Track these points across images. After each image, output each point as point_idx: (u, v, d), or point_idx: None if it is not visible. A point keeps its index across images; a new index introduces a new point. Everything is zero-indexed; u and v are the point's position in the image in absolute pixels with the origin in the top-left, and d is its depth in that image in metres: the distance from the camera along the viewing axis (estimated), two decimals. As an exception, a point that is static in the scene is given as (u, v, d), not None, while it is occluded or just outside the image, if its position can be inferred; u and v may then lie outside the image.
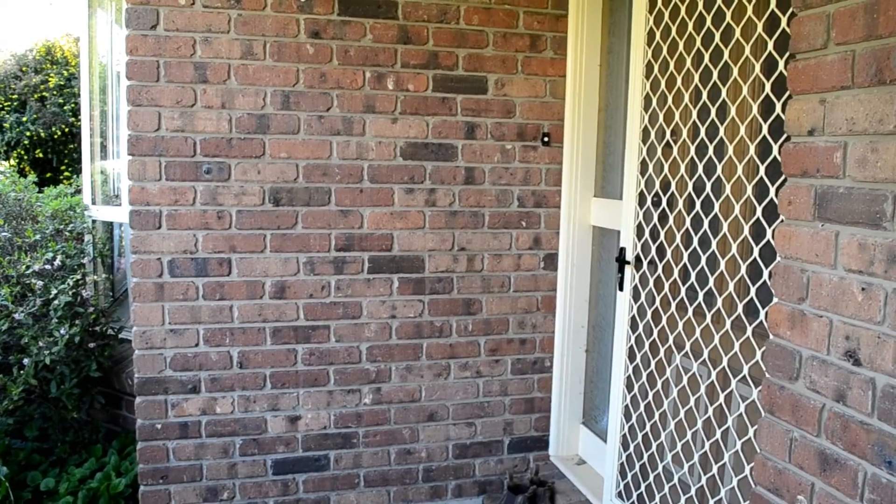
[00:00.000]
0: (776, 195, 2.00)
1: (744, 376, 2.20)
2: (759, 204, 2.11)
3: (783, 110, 1.96)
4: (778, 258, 1.76)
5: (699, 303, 2.43)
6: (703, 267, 2.41)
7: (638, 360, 2.80)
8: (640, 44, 2.69)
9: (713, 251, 2.35)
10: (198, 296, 2.96)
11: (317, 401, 3.14)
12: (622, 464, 2.88)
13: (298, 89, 2.95)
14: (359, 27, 2.98)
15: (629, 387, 2.84)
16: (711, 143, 2.35)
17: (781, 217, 1.75)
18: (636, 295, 2.80)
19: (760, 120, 2.12)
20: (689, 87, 2.47)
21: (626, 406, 2.86)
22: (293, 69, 2.94)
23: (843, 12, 1.54)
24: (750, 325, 2.16)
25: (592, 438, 3.32)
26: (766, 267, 2.08)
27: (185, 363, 2.99)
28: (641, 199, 2.75)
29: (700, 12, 2.39)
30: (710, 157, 2.36)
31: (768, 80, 2.07)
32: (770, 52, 2.06)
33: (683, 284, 2.53)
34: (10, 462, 3.49)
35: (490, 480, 3.40)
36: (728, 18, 2.25)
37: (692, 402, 2.48)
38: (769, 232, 2.07)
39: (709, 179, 2.37)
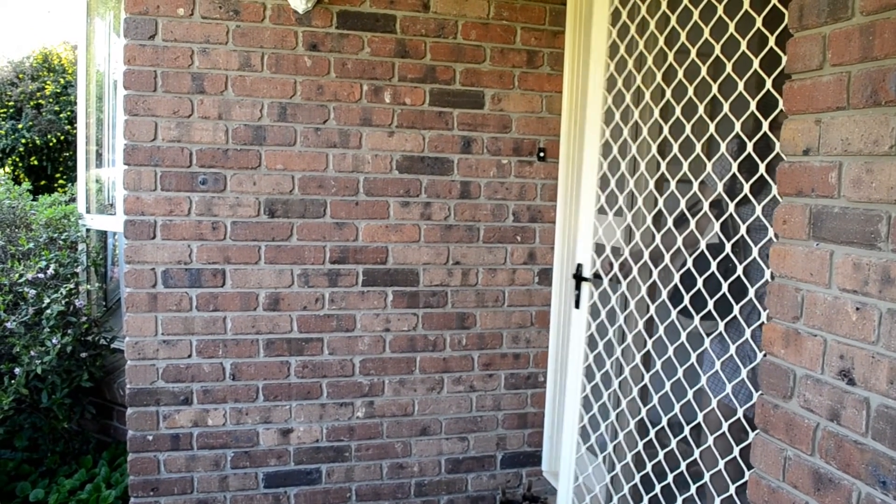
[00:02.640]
0: (736, 212, 2.01)
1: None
2: (744, 223, 2.12)
3: (752, 131, 2.00)
4: (773, 276, 1.77)
5: (673, 320, 2.43)
6: (677, 284, 2.41)
7: (598, 379, 2.80)
8: (602, 56, 2.69)
9: (666, 265, 2.36)
10: (191, 307, 2.95)
11: (309, 414, 3.12)
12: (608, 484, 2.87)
13: (295, 101, 2.96)
14: (357, 40, 2.99)
15: (587, 407, 2.84)
16: (687, 158, 2.37)
17: (776, 235, 1.75)
18: (595, 313, 2.80)
19: (718, 138, 2.16)
20: (660, 102, 2.49)
21: (584, 427, 2.85)
22: (290, 81, 2.95)
23: (838, 34, 1.56)
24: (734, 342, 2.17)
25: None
26: (746, 285, 2.09)
27: (177, 374, 2.97)
28: (602, 213, 2.76)
29: (664, 25, 2.43)
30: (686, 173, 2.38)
31: (726, 101, 2.11)
32: (729, 74, 2.11)
33: (653, 302, 2.53)
34: (0, 472, 3.47)
35: (482, 496, 3.39)
36: (683, 38, 2.29)
37: (664, 422, 2.47)
38: (728, 246, 2.08)
39: (684, 196, 2.38)
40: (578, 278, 2.85)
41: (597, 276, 2.81)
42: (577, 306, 2.87)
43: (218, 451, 3.04)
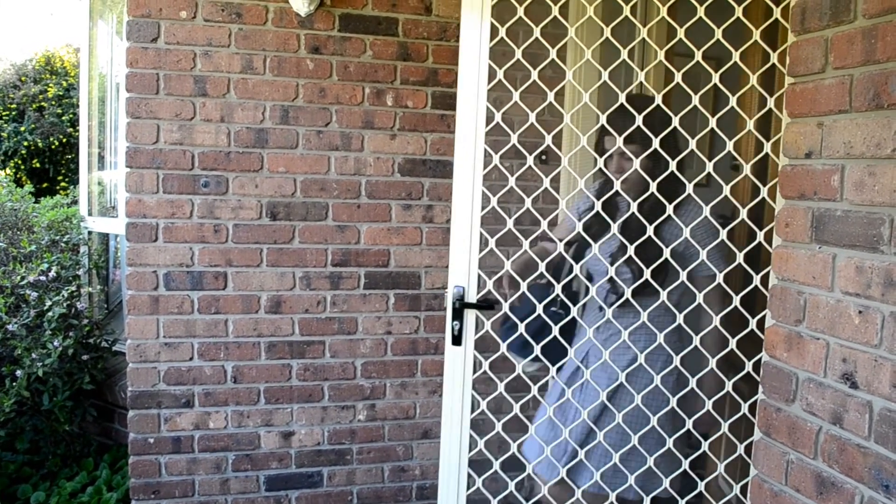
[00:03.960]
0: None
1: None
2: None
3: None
4: (775, 279, 1.77)
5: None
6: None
7: (499, 427, 2.60)
8: (475, 45, 2.48)
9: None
10: (193, 309, 2.95)
11: (311, 416, 3.12)
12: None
13: (298, 104, 2.96)
14: (359, 43, 2.99)
15: (479, 469, 2.65)
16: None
17: (779, 238, 1.75)
18: (486, 348, 2.44)
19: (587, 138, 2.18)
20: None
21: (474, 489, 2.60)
22: (293, 84, 2.95)
23: (841, 37, 1.56)
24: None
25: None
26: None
27: (178, 377, 2.97)
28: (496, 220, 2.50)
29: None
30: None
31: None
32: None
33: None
34: (1, 475, 3.46)
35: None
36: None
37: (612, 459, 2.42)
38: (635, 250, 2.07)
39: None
40: (460, 306, 2.28)
41: (485, 302, 2.36)
42: (455, 342, 2.28)
43: (219, 453, 3.04)
